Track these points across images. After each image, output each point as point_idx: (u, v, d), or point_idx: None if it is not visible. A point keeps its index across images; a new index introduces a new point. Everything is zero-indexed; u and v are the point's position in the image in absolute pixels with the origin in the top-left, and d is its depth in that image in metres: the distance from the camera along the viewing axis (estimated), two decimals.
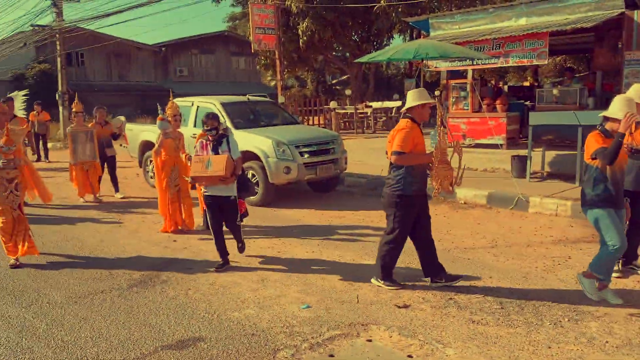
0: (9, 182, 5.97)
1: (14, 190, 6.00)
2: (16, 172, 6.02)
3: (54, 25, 21.71)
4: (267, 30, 16.53)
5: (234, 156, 5.66)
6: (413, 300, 4.71)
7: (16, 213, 6.03)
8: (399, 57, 10.55)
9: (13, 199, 6.00)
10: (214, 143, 5.69)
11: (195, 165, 5.57)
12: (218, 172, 5.43)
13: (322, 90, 33.74)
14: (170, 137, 7.25)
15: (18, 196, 6.04)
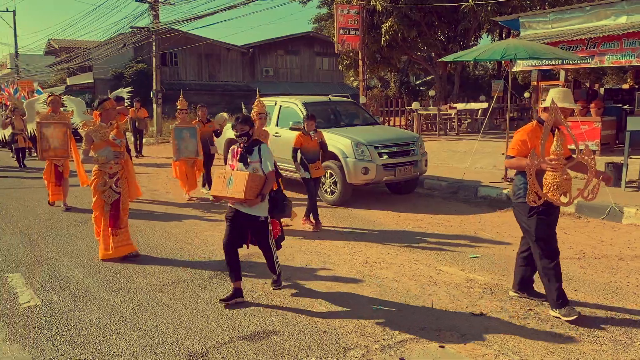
0: (110, 177, 6.04)
1: (113, 186, 6.05)
2: (119, 167, 6.10)
3: (151, 27, 22.99)
4: (351, 30, 16.58)
5: (265, 169, 4.72)
6: (490, 309, 4.56)
7: (107, 207, 6.05)
8: (486, 57, 10.25)
9: (110, 194, 6.03)
10: (243, 151, 4.77)
11: (217, 181, 4.71)
12: (237, 193, 4.54)
13: (405, 91, 33.38)
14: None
15: (117, 193, 6.06)
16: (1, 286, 5.26)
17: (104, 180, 6.01)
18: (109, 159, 5.99)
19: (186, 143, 9.46)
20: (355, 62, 21.14)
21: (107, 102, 6.27)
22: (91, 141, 5.97)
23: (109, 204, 6.05)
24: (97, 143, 5.98)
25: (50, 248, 6.61)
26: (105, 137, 6.01)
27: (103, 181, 6.01)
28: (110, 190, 6.05)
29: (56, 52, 41.38)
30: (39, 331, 4.21)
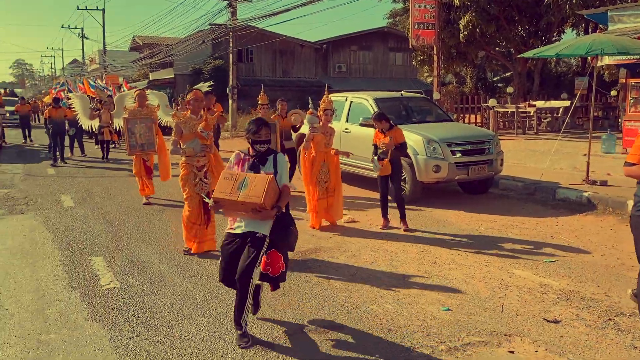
0: (198, 170, 6.04)
1: (203, 178, 6.05)
2: (206, 159, 6.11)
3: (229, 24, 23.65)
4: (426, 25, 16.27)
5: (280, 182, 3.95)
6: (565, 316, 4.34)
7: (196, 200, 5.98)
8: (569, 53, 9.78)
9: (202, 187, 6.01)
10: (255, 160, 3.98)
11: (224, 183, 3.81)
12: (253, 197, 3.69)
13: (482, 88, 32.35)
14: (318, 132, 7.14)
15: (207, 184, 6.04)
16: (85, 268, 5.62)
17: (194, 173, 6.03)
18: (196, 152, 5.96)
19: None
20: (429, 57, 20.74)
21: (198, 92, 6.32)
22: (181, 132, 5.98)
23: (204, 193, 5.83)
24: (186, 135, 5.98)
25: (130, 234, 6.97)
26: (194, 129, 6.01)
27: (192, 174, 6.03)
28: (200, 182, 6.05)
29: (140, 48, 43.44)
30: (117, 312, 4.45)
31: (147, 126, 8.82)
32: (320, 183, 7.22)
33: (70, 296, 4.83)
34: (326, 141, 7.21)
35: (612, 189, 8.72)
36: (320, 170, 7.21)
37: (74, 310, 4.51)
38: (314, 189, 7.20)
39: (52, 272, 5.51)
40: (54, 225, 7.46)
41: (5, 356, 3.72)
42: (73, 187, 10.65)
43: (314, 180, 7.20)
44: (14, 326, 4.20)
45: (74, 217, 7.95)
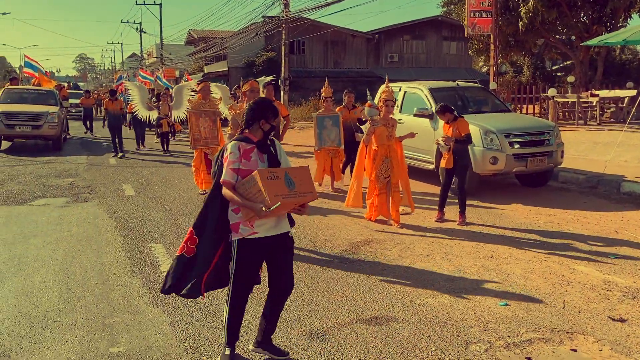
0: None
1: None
2: None
3: (281, 16, 23.79)
4: (483, 13, 15.82)
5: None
6: (632, 314, 4.15)
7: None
8: (638, 39, 9.26)
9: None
10: (262, 149, 3.43)
11: (272, 184, 3.18)
12: (308, 194, 3.32)
13: (540, 77, 31.22)
14: (379, 125, 6.81)
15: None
16: (146, 254, 5.82)
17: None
18: None
19: (328, 132, 9.08)
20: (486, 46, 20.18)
21: (252, 82, 6.11)
22: (237, 125, 5.78)
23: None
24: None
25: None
26: None
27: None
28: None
29: (195, 42, 44.42)
30: (177, 298, 4.55)
31: (211, 120, 8.64)
32: (380, 178, 6.89)
33: (133, 281, 5.02)
34: (388, 133, 6.85)
35: None
36: (381, 164, 6.86)
37: (136, 295, 4.68)
38: (375, 184, 6.89)
39: (115, 257, 5.73)
40: (116, 213, 7.75)
41: (73, 337, 3.91)
42: (133, 176, 11.03)
43: (375, 175, 6.89)
44: (80, 309, 4.40)
45: (135, 206, 8.24)
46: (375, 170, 6.86)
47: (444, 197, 7.13)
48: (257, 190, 3.19)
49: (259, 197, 3.19)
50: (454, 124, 6.88)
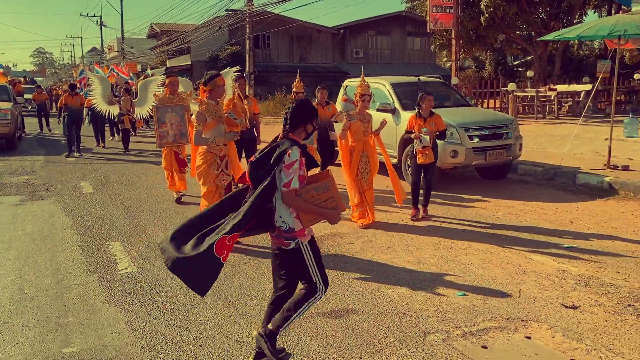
0: (221, 159, 5.76)
1: (224, 169, 5.79)
2: (227, 149, 5.83)
3: (245, 9, 23.57)
4: (444, 8, 16.02)
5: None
6: (584, 302, 4.28)
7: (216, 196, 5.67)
8: (591, 35, 9.55)
9: (223, 178, 5.77)
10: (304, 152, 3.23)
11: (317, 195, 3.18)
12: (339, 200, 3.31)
13: (502, 72, 31.85)
14: (355, 120, 6.50)
15: (228, 175, 5.82)
16: (103, 253, 5.69)
17: (217, 164, 5.72)
18: (227, 139, 5.69)
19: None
20: (448, 41, 20.44)
21: (218, 78, 5.68)
22: (204, 120, 5.57)
23: (223, 187, 5.74)
24: (210, 122, 5.60)
25: (148, 220, 7.04)
26: (217, 115, 5.66)
27: (215, 164, 5.72)
28: (222, 173, 5.78)
29: (157, 36, 43.66)
30: (134, 296, 4.50)
31: (179, 115, 7.93)
32: (363, 174, 6.59)
33: (89, 280, 4.90)
34: (364, 129, 6.54)
35: (634, 174, 8.55)
36: (360, 160, 6.58)
37: (92, 294, 4.57)
38: (354, 182, 6.57)
39: (70, 256, 5.58)
40: (73, 211, 7.56)
41: (24, 338, 3.79)
42: (92, 173, 10.77)
43: (354, 172, 6.56)
44: (33, 309, 4.27)
45: (93, 203, 8.05)
46: (355, 166, 6.57)
47: (417, 193, 6.97)
48: (328, 196, 3.17)
49: (330, 204, 3.18)
50: (432, 119, 6.78)
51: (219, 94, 5.73)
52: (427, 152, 6.76)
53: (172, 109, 7.91)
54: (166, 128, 7.87)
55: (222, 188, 5.80)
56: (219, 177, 5.74)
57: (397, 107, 9.38)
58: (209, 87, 5.63)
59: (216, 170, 5.73)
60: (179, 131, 7.96)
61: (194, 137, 5.76)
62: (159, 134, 7.89)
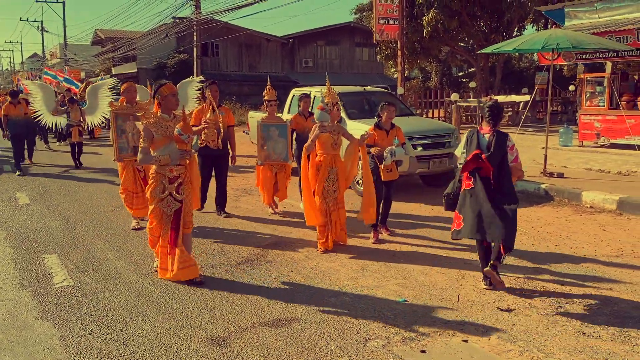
0: (170, 182, 4.87)
1: (174, 193, 4.88)
2: (182, 169, 4.92)
3: (192, 17, 23.30)
4: (390, 20, 16.36)
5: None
6: (518, 304, 4.44)
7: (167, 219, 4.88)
8: (526, 48, 9.97)
9: (170, 203, 4.87)
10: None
11: None
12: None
13: (447, 83, 32.79)
14: (327, 132, 5.94)
15: (179, 202, 4.89)
16: (38, 267, 5.46)
17: (163, 186, 4.85)
18: (173, 160, 4.82)
19: (274, 143, 7.52)
20: (394, 52, 20.87)
21: (163, 87, 4.94)
22: (151, 137, 4.81)
23: (169, 214, 4.89)
24: (158, 139, 4.81)
25: (87, 231, 6.81)
26: (168, 132, 4.86)
27: (162, 187, 4.85)
28: (170, 197, 4.88)
29: (102, 42, 42.53)
30: (70, 310, 4.34)
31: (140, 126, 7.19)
32: (329, 192, 5.95)
33: (20, 295, 4.69)
34: (333, 141, 5.96)
35: (568, 181, 8.96)
36: (327, 176, 5.94)
37: (24, 310, 4.38)
38: (322, 200, 5.91)
39: (2, 271, 5.33)
40: (7, 223, 7.23)
41: None
42: (29, 184, 10.34)
43: (320, 189, 5.91)
44: None
45: (29, 215, 7.73)
46: (322, 183, 5.91)
47: (379, 213, 6.35)
48: None
49: None
50: (394, 132, 6.44)
51: (169, 106, 4.97)
52: (391, 168, 6.29)
53: (134, 117, 6.66)
54: (126, 139, 6.75)
55: (167, 215, 4.88)
56: (163, 202, 4.85)
57: (343, 116, 9.45)
58: (155, 99, 5.00)
59: (162, 194, 4.85)
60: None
61: (138, 155, 4.94)
62: (117, 145, 6.73)
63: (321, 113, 5.90)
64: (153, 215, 4.93)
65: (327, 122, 5.93)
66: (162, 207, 4.88)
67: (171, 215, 4.89)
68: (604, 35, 10.46)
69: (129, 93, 6.90)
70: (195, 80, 7.81)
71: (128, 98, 6.90)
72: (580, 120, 11.88)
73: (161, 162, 4.80)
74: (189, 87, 7.75)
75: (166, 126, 4.88)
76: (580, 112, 11.94)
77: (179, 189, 4.89)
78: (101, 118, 8.24)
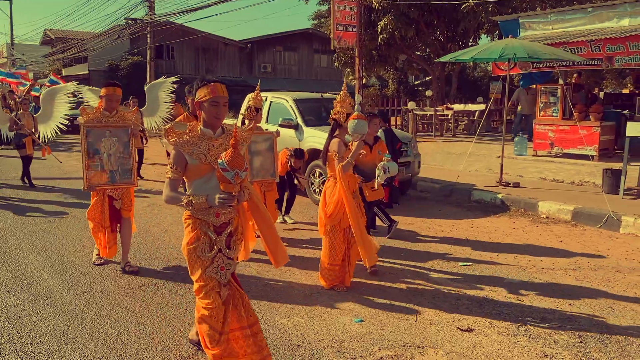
0: (217, 232, 3.19)
1: (224, 249, 3.20)
2: (232, 211, 3.23)
3: (145, 19, 22.62)
4: (347, 27, 16.23)
5: None
6: (479, 324, 4.25)
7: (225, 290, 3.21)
8: (483, 57, 9.96)
9: (223, 265, 3.20)
10: None
11: None
12: None
13: (404, 91, 33.04)
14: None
15: (231, 259, 3.25)
16: None
17: (209, 239, 3.18)
18: (212, 204, 3.05)
19: (263, 158, 6.36)
20: (351, 59, 20.77)
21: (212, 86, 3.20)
22: (184, 163, 3.15)
23: (224, 284, 3.21)
24: (194, 167, 3.13)
25: (20, 244, 6.28)
26: (210, 156, 3.13)
27: (207, 240, 3.17)
28: (221, 256, 3.20)
29: (52, 43, 40.98)
30: None
31: (121, 143, 5.31)
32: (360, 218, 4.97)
33: None
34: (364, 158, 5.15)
35: (523, 191, 8.96)
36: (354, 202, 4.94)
37: None
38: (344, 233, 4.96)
39: None
40: None
41: None
42: None
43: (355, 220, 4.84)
44: None
45: None
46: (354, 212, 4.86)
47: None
48: None
49: None
50: (378, 146, 5.73)
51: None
52: (375, 187, 5.43)
53: (111, 132, 5.28)
54: (100, 161, 5.22)
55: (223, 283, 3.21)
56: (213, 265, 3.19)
57: (300, 123, 9.23)
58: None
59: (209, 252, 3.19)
60: (121, 166, 5.32)
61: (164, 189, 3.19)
62: (87, 170, 5.18)
63: (360, 122, 4.76)
64: (205, 294, 3.15)
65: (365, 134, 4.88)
66: (213, 274, 3.16)
67: (226, 286, 3.22)
68: (559, 46, 10.59)
69: (109, 102, 5.30)
70: (168, 82, 6.89)
71: (107, 105, 5.31)
72: (535, 129, 12.00)
73: (194, 207, 3.09)
74: (160, 90, 6.88)
75: (208, 147, 3.16)
76: (535, 122, 12.06)
77: (230, 241, 3.24)
78: (55, 129, 7.14)
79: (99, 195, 5.35)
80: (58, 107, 7.10)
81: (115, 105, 5.35)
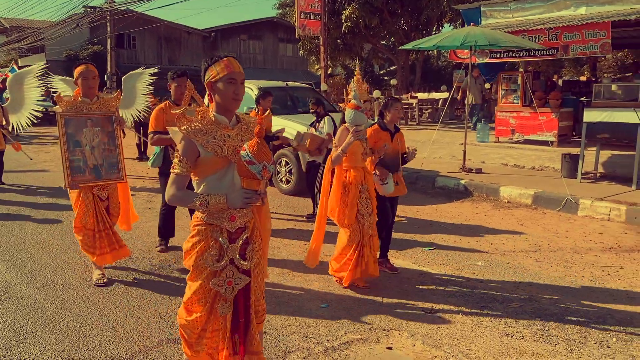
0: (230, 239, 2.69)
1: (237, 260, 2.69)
2: (249, 214, 2.74)
3: (105, 7, 22.03)
4: (312, 15, 16.17)
5: None
6: (442, 306, 4.32)
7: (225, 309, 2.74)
8: (446, 45, 10.06)
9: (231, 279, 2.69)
10: None
11: None
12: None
13: (370, 80, 33.19)
14: (361, 139, 4.62)
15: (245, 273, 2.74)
16: None
17: (218, 248, 2.68)
18: (232, 203, 2.60)
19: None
20: (316, 48, 20.73)
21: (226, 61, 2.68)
22: (195, 155, 2.64)
23: (230, 299, 2.71)
24: (208, 160, 2.62)
25: None
26: (227, 148, 2.62)
27: (216, 249, 2.68)
28: (231, 268, 2.69)
29: (6, 32, 39.47)
30: None
31: (105, 132, 4.73)
32: (365, 217, 4.67)
33: None
34: (364, 150, 4.67)
35: (486, 176, 9.14)
36: (360, 195, 4.65)
37: None
38: (354, 230, 4.66)
39: None
40: None
41: None
42: None
43: (353, 214, 4.63)
44: None
45: None
46: (354, 206, 4.62)
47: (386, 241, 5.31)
48: None
49: None
50: (398, 136, 5.17)
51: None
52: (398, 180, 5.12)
53: (93, 121, 4.67)
54: (82, 155, 4.62)
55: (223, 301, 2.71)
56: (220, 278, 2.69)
57: None
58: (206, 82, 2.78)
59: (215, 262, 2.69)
60: (106, 160, 4.73)
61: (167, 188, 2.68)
62: (67, 165, 4.55)
63: (356, 113, 4.54)
64: (196, 298, 2.72)
65: (363, 125, 4.64)
66: (215, 287, 2.68)
67: (231, 301, 2.72)
68: (518, 34, 10.78)
69: (85, 80, 4.59)
70: (146, 73, 6.40)
71: (85, 90, 4.63)
72: (497, 117, 12.23)
73: (210, 209, 2.61)
74: (137, 81, 6.41)
75: (223, 137, 2.65)
76: (497, 109, 12.29)
77: (246, 250, 2.72)
78: (30, 117, 6.44)
79: (85, 197, 4.66)
80: (28, 92, 6.40)
81: (93, 85, 4.65)
